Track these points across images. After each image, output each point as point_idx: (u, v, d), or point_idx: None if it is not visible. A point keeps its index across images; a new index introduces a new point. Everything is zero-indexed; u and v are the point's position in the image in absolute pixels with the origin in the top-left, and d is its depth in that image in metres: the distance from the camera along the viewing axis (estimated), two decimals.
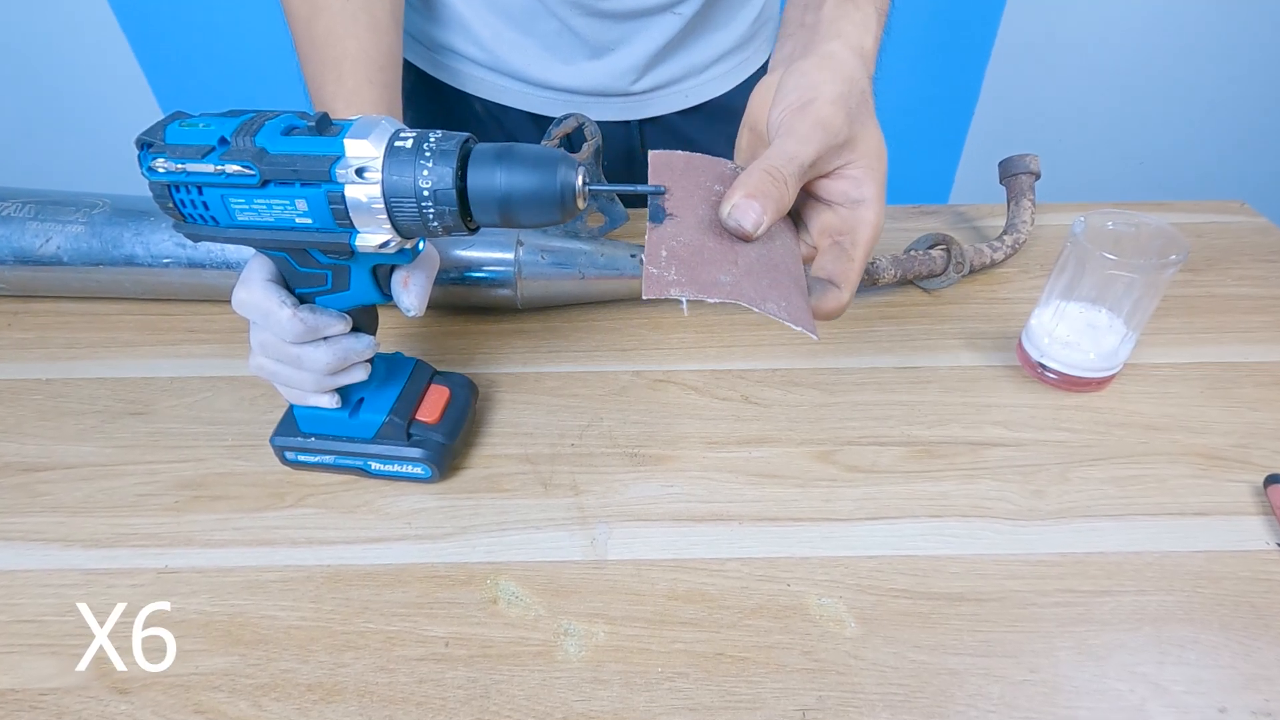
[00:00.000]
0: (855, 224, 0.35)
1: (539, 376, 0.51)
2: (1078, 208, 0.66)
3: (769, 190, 0.32)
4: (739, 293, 0.31)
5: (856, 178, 0.35)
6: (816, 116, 0.33)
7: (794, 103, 0.34)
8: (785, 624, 0.37)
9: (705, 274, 0.31)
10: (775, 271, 0.33)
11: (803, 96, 0.34)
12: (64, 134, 1.49)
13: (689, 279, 0.30)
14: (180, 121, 0.33)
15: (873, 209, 0.34)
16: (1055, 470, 0.44)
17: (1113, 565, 0.40)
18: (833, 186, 0.35)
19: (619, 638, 0.37)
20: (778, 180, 0.32)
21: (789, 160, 0.32)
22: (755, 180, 0.32)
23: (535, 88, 0.63)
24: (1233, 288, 0.58)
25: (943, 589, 0.39)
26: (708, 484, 0.44)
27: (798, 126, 0.33)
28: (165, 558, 0.41)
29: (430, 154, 0.32)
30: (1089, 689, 0.35)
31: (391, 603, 0.39)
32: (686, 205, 0.33)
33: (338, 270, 0.36)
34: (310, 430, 0.43)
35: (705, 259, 0.31)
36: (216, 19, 1.33)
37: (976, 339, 0.54)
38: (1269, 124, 1.50)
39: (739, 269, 0.32)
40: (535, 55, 0.61)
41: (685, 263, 0.31)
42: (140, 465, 0.46)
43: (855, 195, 0.35)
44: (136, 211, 0.53)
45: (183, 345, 0.54)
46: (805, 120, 0.33)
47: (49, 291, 0.56)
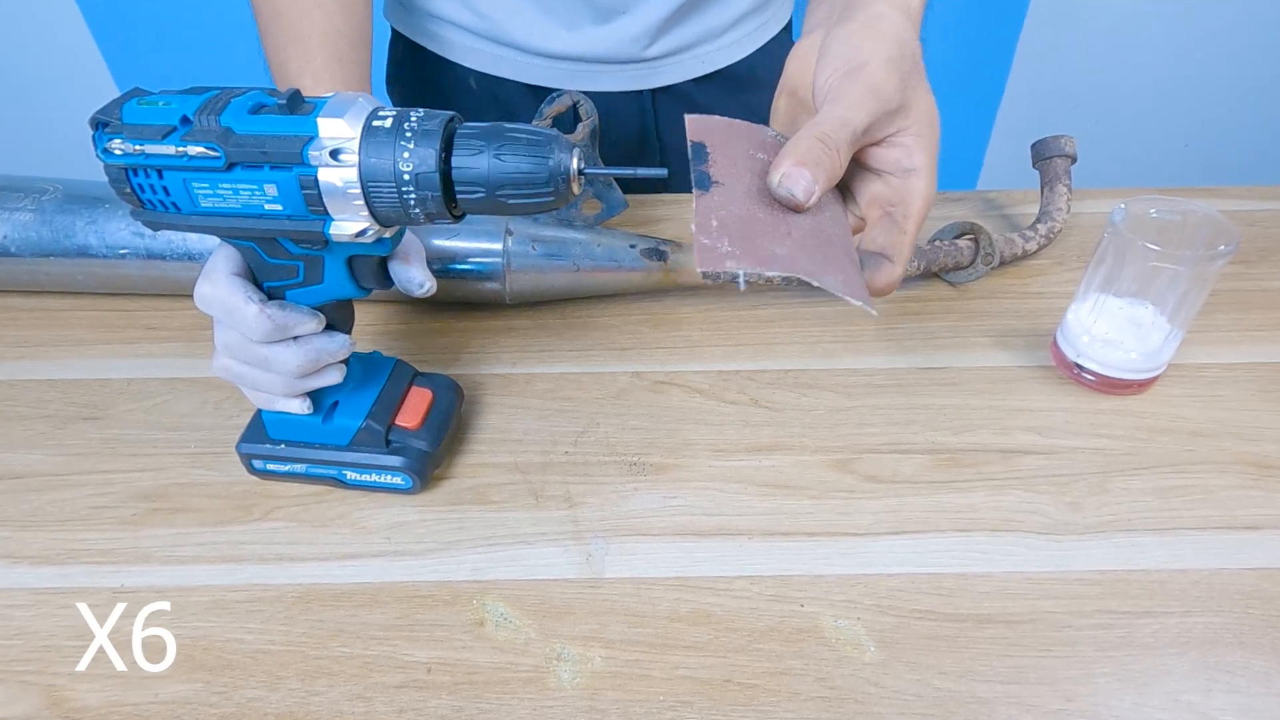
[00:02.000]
0: (907, 194, 0.35)
1: (530, 378, 0.51)
2: (1118, 194, 0.66)
3: (820, 158, 0.33)
4: (796, 266, 0.31)
5: (908, 145, 0.35)
6: (869, 82, 0.34)
7: (843, 66, 0.34)
8: (798, 648, 0.37)
9: (760, 246, 0.31)
10: (828, 244, 0.33)
11: (852, 60, 0.34)
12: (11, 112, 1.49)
13: (744, 251, 0.31)
14: (139, 99, 0.33)
15: (925, 178, 0.35)
16: (1093, 480, 0.44)
17: (1156, 584, 0.40)
18: (884, 155, 0.36)
19: (617, 663, 0.37)
20: (829, 148, 0.33)
21: (841, 126, 0.33)
22: (805, 147, 0.33)
23: (535, 57, 0.63)
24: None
25: (970, 610, 0.39)
26: (714, 495, 0.44)
27: (849, 92, 0.34)
28: (121, 576, 0.41)
29: (411, 134, 0.32)
30: (1129, 719, 0.35)
31: (369, 625, 0.38)
32: (732, 173, 0.34)
33: (310, 261, 0.36)
34: (280, 437, 0.43)
35: (758, 230, 0.32)
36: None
37: (1007, 337, 0.54)
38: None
39: (793, 241, 0.32)
40: (536, 20, 0.61)
41: (737, 234, 0.31)
42: (94, 475, 0.46)
43: (907, 164, 0.35)
44: (90, 198, 0.53)
45: (141, 344, 0.54)
46: (857, 85, 0.34)
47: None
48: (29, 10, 1.37)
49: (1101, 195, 0.67)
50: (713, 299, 0.57)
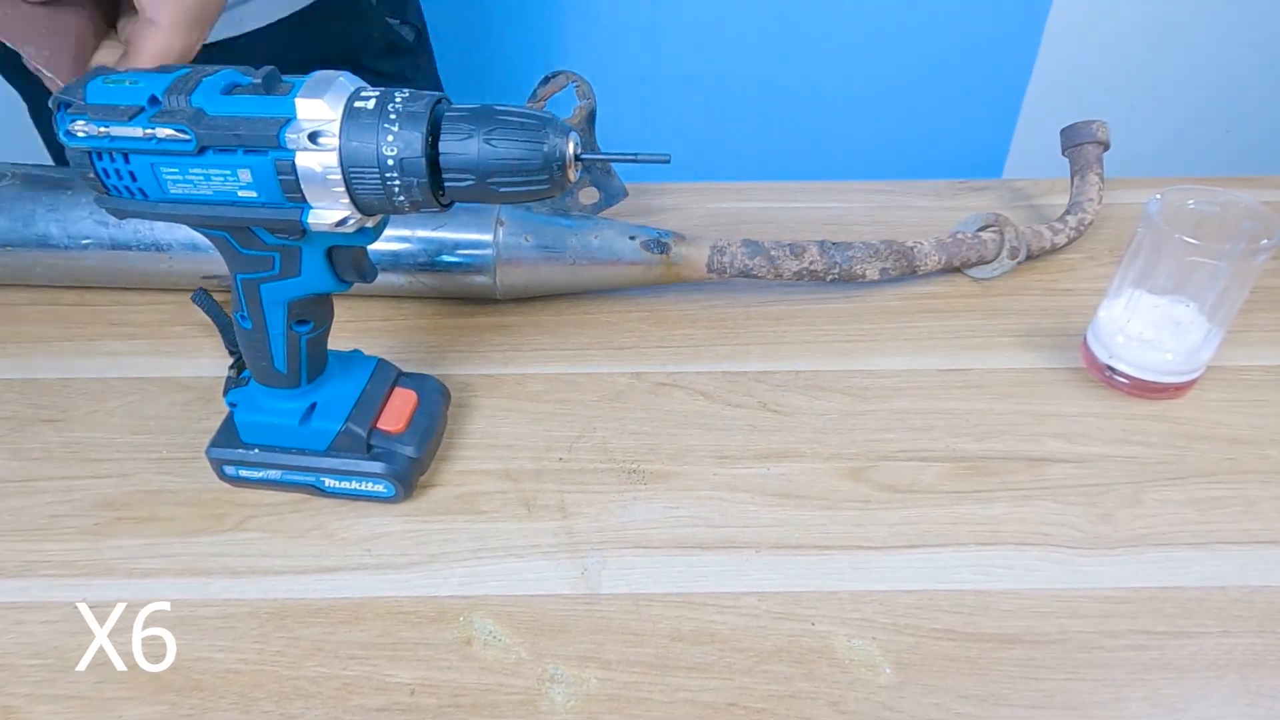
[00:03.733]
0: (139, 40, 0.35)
1: (522, 379, 0.51)
2: (1153, 183, 0.66)
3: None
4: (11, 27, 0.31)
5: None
6: None
7: None
8: (809, 670, 0.37)
9: None
10: (55, 14, 0.33)
11: None
12: None
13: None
14: (104, 78, 0.33)
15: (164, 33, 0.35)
16: (1126, 491, 0.44)
17: (1193, 602, 0.40)
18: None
19: (614, 685, 0.37)
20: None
21: None
22: None
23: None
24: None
25: (993, 630, 0.39)
26: (719, 505, 0.44)
27: None
28: (83, 589, 0.41)
29: (396, 116, 0.32)
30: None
31: (348, 643, 0.39)
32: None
33: (287, 252, 0.36)
34: (253, 441, 0.43)
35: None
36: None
37: (1034, 337, 0.54)
38: None
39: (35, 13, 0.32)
40: None
41: None
42: (54, 481, 0.46)
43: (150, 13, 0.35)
44: (51, 183, 0.53)
45: (104, 341, 0.54)
46: None
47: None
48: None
49: (1136, 185, 0.67)
50: (719, 295, 0.57)
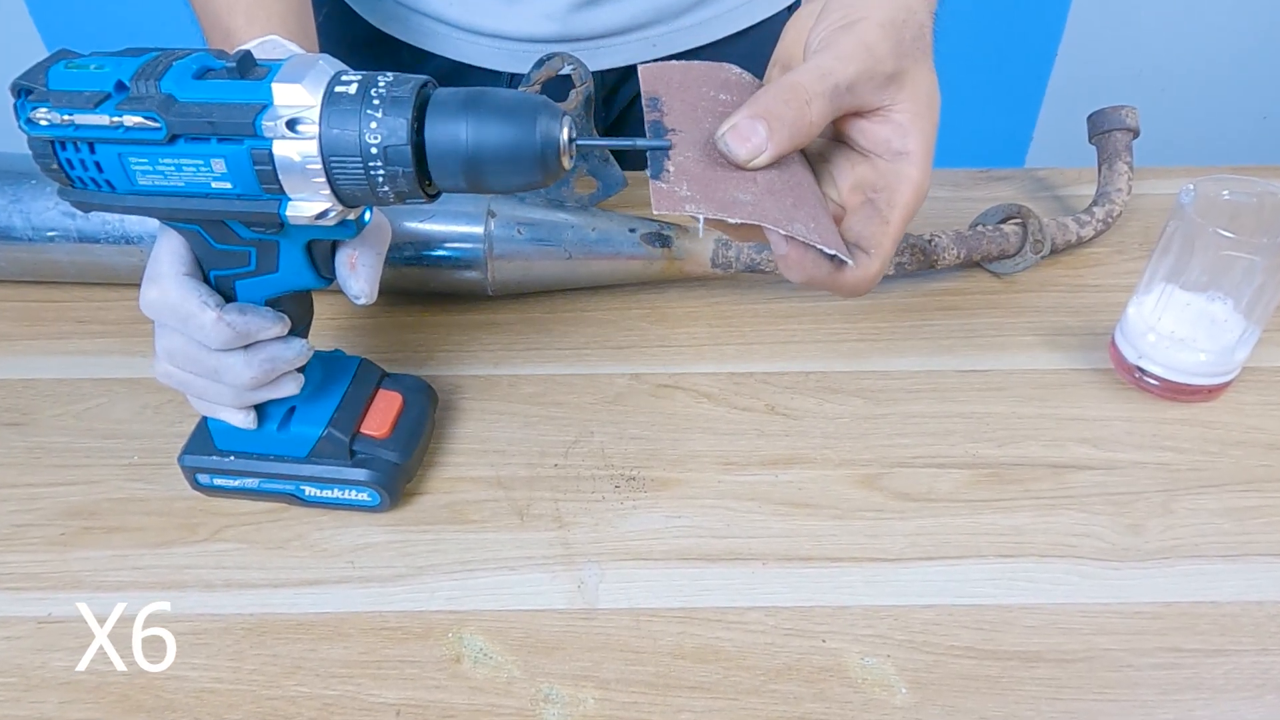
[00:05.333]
0: (895, 180, 0.35)
1: (514, 380, 0.51)
2: (1185, 173, 0.66)
3: (782, 112, 0.33)
4: (763, 213, 0.32)
5: (901, 124, 0.35)
6: (861, 36, 0.34)
7: (839, 21, 0.35)
8: (820, 689, 0.37)
9: (721, 190, 0.32)
10: (799, 190, 0.34)
11: (849, 16, 0.35)
12: None
13: (704, 195, 0.32)
14: (66, 62, 0.33)
15: (917, 165, 0.35)
16: (1156, 500, 0.44)
17: (1228, 618, 0.40)
18: (871, 130, 0.36)
19: (612, 705, 0.37)
20: (797, 99, 0.33)
21: (821, 77, 0.33)
22: (769, 98, 0.33)
23: (466, 33, 0.63)
24: None
25: (1015, 647, 0.39)
26: (724, 515, 0.44)
27: (838, 42, 0.34)
28: (48, 604, 0.41)
29: (380, 101, 0.32)
30: None
31: (330, 661, 0.38)
32: (689, 118, 0.35)
33: (263, 247, 0.36)
34: (229, 448, 0.43)
35: (719, 175, 0.33)
36: None
37: (1059, 336, 0.54)
38: None
39: (758, 187, 0.33)
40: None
41: (697, 178, 0.33)
42: (17, 489, 0.46)
43: (898, 145, 0.35)
44: (13, 173, 0.53)
45: (71, 339, 0.54)
46: (849, 37, 0.34)
47: None
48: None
49: (1167, 174, 0.67)
50: (723, 291, 0.57)
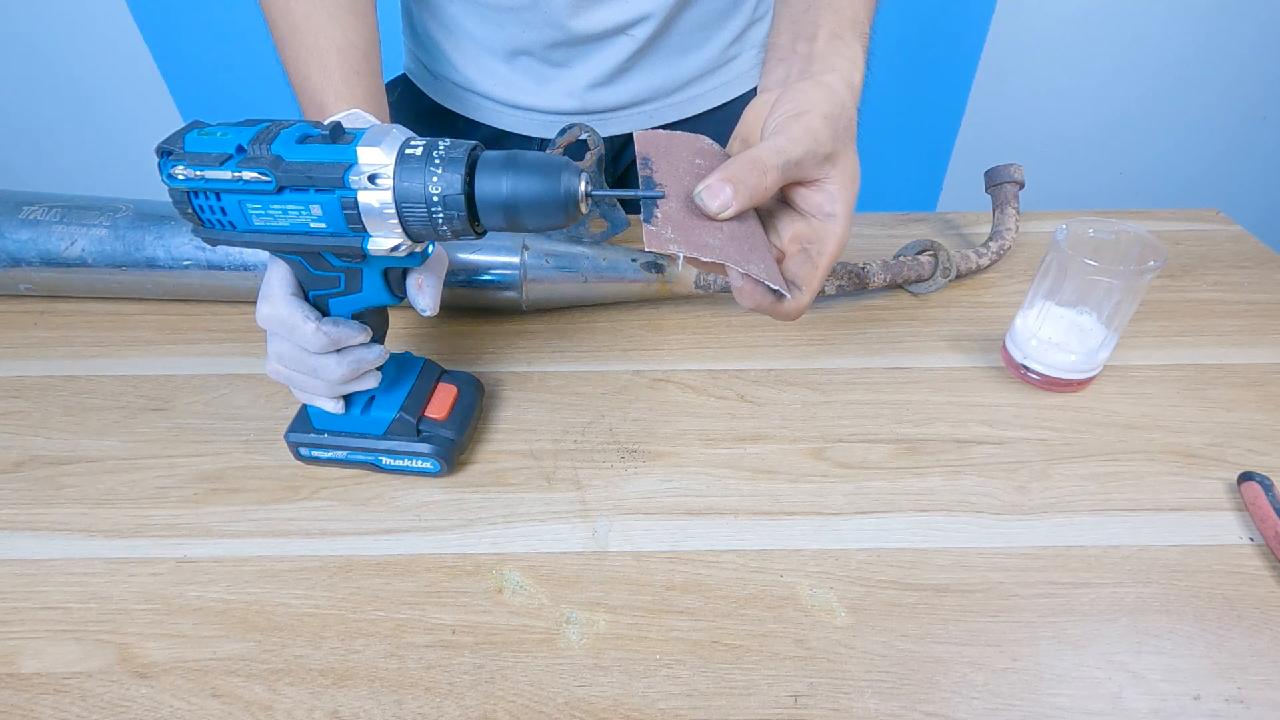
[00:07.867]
0: (824, 235, 0.36)
1: (543, 375, 0.51)
2: (1060, 215, 0.66)
3: (745, 178, 0.33)
4: (726, 255, 0.33)
5: (831, 193, 0.36)
6: (807, 124, 0.35)
7: (790, 111, 0.35)
8: (778, 613, 0.37)
9: (697, 236, 0.33)
10: (752, 239, 0.35)
11: (798, 108, 0.35)
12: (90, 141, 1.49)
13: (683, 238, 0.33)
14: (199, 130, 0.33)
15: (841, 224, 0.36)
16: (1037, 467, 0.44)
17: (1092, 558, 0.40)
18: (809, 196, 0.36)
19: (619, 626, 0.37)
20: (757, 169, 0.34)
21: (776, 153, 0.34)
22: (736, 167, 0.34)
23: (508, 108, 0.63)
24: (1208, 293, 0.58)
25: (929, 580, 0.39)
26: (705, 479, 0.44)
27: (790, 128, 0.35)
28: (184, 548, 0.41)
29: (440, 161, 0.32)
30: (1069, 677, 0.35)
31: (401, 591, 0.39)
32: (673, 176, 0.35)
33: (350, 273, 0.36)
34: (324, 427, 0.43)
35: (695, 224, 0.34)
36: (235, 29, 1.33)
37: (962, 341, 0.53)
38: (1243, 136, 1.50)
39: (724, 236, 0.34)
40: (502, 76, 0.61)
41: (679, 224, 0.33)
42: (160, 459, 0.46)
43: (828, 209, 0.36)
44: (157, 216, 0.53)
45: (201, 344, 0.54)
46: (798, 124, 0.35)
47: (74, 292, 0.55)
48: (106, 56, 1.37)
49: (1046, 217, 0.67)
50: (703, 307, 0.57)
